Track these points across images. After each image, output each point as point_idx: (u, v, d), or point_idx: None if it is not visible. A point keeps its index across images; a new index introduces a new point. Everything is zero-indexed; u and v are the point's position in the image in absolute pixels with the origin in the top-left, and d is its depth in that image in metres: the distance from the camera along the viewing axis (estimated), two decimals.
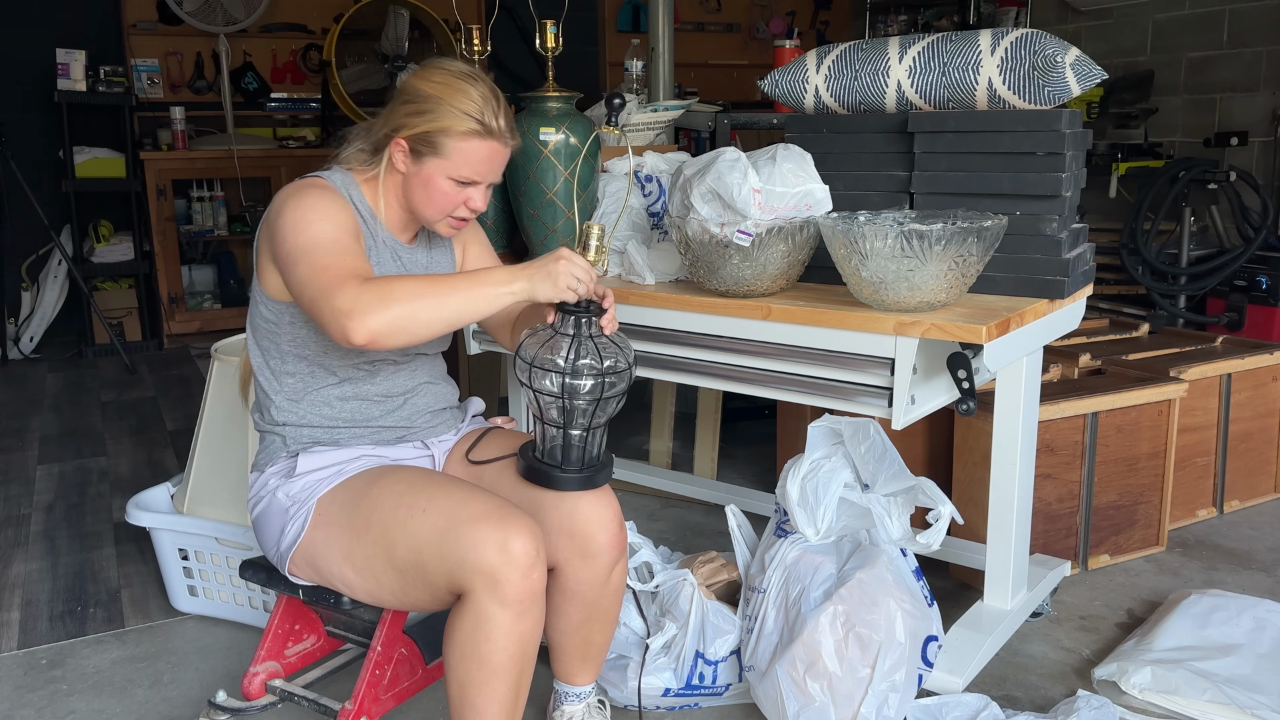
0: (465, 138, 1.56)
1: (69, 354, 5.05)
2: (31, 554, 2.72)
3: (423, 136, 1.56)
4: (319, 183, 1.60)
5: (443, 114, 1.55)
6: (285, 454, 1.64)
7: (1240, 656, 1.96)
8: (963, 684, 1.88)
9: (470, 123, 1.55)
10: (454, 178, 1.58)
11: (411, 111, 1.57)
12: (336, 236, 1.50)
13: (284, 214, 1.53)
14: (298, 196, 1.55)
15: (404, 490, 1.52)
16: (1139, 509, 2.55)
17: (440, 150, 1.57)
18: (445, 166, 1.58)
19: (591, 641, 1.72)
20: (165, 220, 5.13)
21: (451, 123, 1.55)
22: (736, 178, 1.75)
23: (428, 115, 1.56)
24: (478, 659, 1.44)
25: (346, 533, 1.53)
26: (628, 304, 2.00)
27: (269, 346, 1.65)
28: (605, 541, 1.61)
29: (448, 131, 1.55)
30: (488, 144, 1.58)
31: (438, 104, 1.55)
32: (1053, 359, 2.66)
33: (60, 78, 4.77)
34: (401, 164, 1.61)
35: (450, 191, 1.59)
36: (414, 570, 1.47)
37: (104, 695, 2.03)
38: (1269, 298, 4.06)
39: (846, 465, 1.86)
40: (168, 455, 3.52)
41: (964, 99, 1.87)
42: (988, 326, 1.64)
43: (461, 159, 1.57)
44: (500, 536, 1.41)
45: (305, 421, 1.64)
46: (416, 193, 1.61)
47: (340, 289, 1.40)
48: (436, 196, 1.60)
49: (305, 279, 1.45)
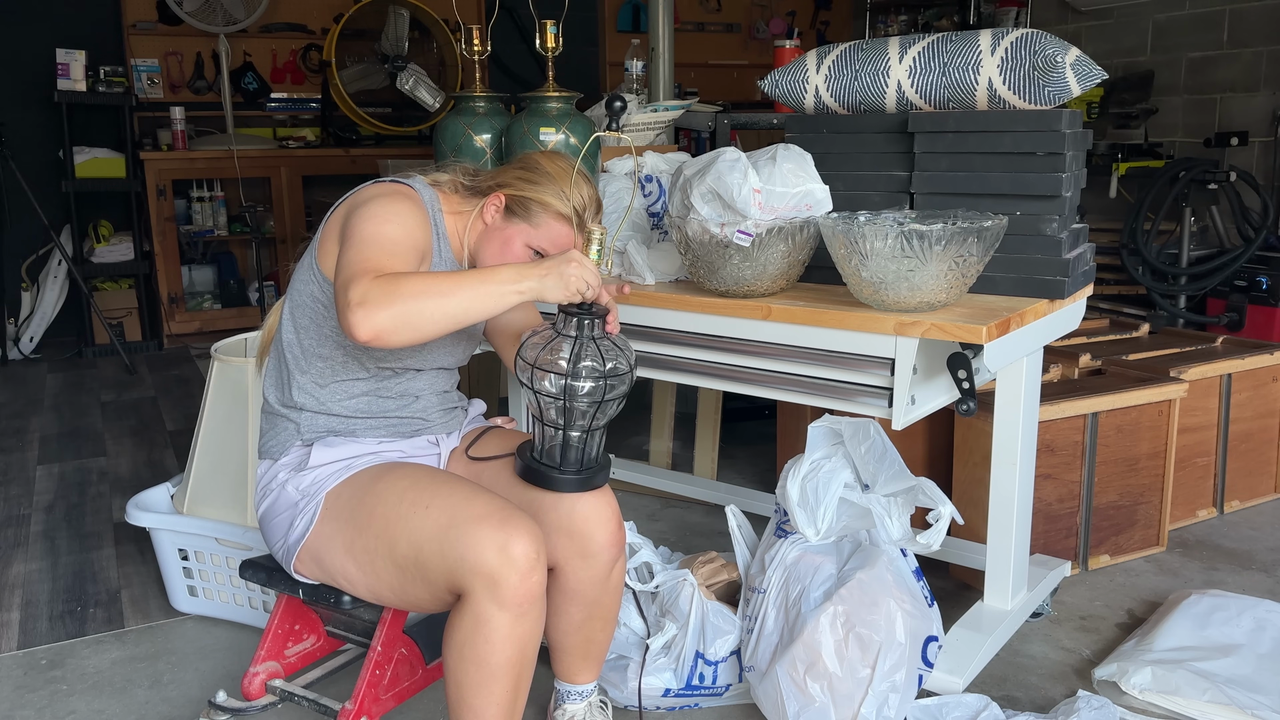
0: (558, 218, 1.66)
1: (69, 354, 5.05)
2: (31, 554, 2.72)
3: (523, 200, 1.66)
4: (411, 193, 1.64)
5: (550, 191, 1.66)
6: (299, 442, 1.65)
7: (1240, 657, 1.96)
8: (963, 684, 1.88)
9: (569, 208, 1.66)
10: (532, 246, 1.66)
11: (523, 177, 1.67)
12: (399, 240, 1.52)
13: (371, 203, 1.57)
14: (390, 196, 1.59)
15: (408, 486, 1.53)
16: (1139, 509, 2.55)
17: (532, 218, 1.66)
18: (529, 234, 1.66)
19: (593, 640, 1.72)
20: (165, 220, 5.13)
21: (555, 201, 1.65)
22: (736, 178, 1.76)
23: (536, 186, 1.66)
24: (476, 661, 1.44)
25: (350, 527, 1.54)
26: (628, 304, 2.00)
27: (308, 325, 1.64)
28: (604, 540, 1.61)
29: (547, 206, 1.65)
30: (571, 232, 1.68)
31: (550, 181, 1.67)
32: (1053, 359, 2.66)
33: (60, 78, 4.77)
34: (491, 216, 1.69)
35: (520, 255, 1.67)
36: (414, 568, 1.48)
37: (104, 695, 2.03)
38: (1269, 298, 4.06)
39: (846, 465, 1.86)
40: (168, 455, 3.52)
41: (964, 99, 1.87)
42: (988, 326, 1.64)
43: (546, 233, 1.66)
44: (501, 538, 1.41)
45: (324, 409, 1.65)
46: (493, 246, 1.68)
47: (359, 279, 1.39)
48: (509, 257, 1.67)
49: (346, 261, 1.46)
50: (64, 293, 5.12)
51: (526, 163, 1.71)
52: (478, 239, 1.70)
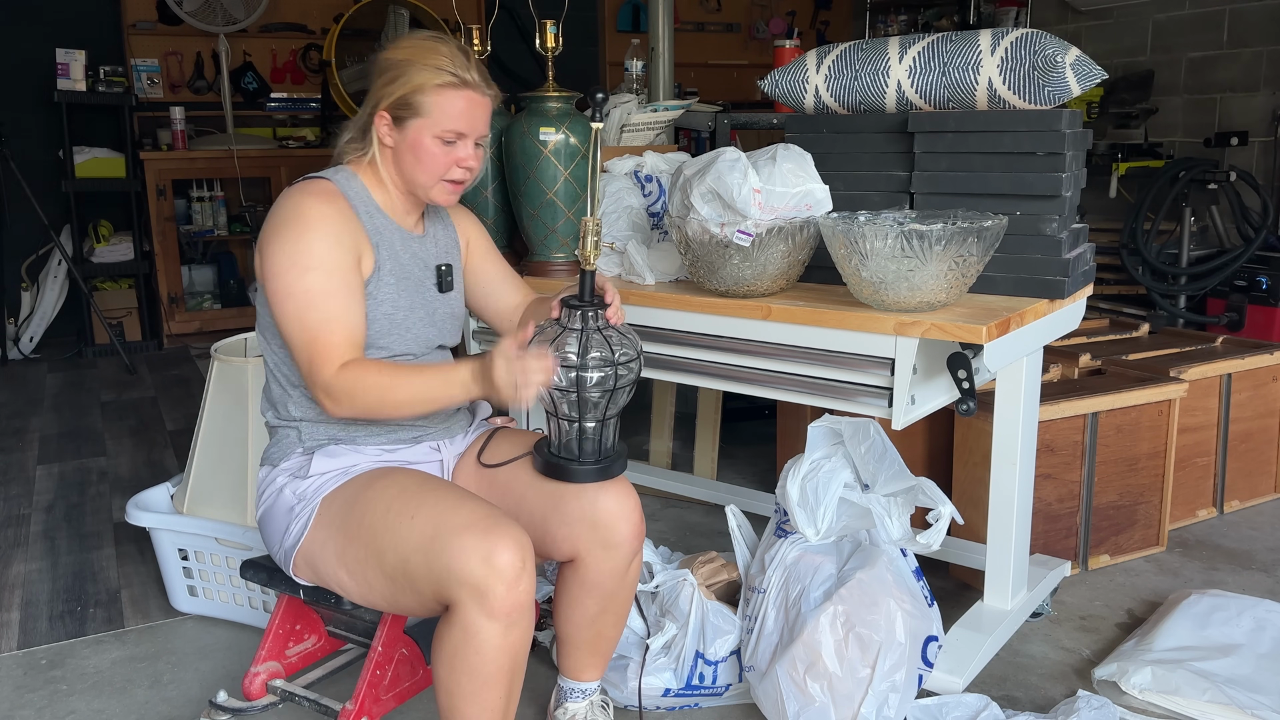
0: (441, 91, 1.57)
1: (69, 354, 5.05)
2: (31, 554, 2.72)
3: (401, 101, 1.58)
4: (318, 191, 1.59)
5: (415, 74, 1.57)
6: (300, 450, 1.63)
7: (1240, 656, 1.96)
8: (963, 684, 1.88)
9: (443, 76, 1.57)
10: (439, 135, 1.59)
11: (387, 81, 1.59)
12: (326, 288, 1.52)
13: (276, 243, 1.54)
14: (294, 221, 1.55)
15: (396, 495, 1.51)
16: (1139, 509, 2.55)
17: (420, 110, 1.58)
18: (428, 125, 1.59)
19: (603, 635, 1.72)
20: (165, 220, 5.13)
21: (425, 79, 1.57)
22: (736, 178, 1.75)
23: (402, 79, 1.58)
24: (467, 671, 1.42)
25: (341, 535, 1.53)
26: (628, 304, 2.00)
27: (281, 349, 1.63)
28: (628, 532, 1.62)
29: (423, 89, 1.57)
30: (464, 94, 1.59)
31: (409, 66, 1.58)
32: (1053, 359, 2.66)
33: (60, 78, 4.77)
34: (388, 136, 1.62)
35: (439, 152, 1.60)
36: (403, 578, 1.46)
37: (104, 695, 2.03)
38: (1269, 298, 4.06)
39: (846, 465, 1.86)
40: (168, 455, 3.52)
41: (964, 99, 1.87)
42: (988, 326, 1.64)
43: (441, 113, 1.58)
44: (485, 548, 1.39)
45: (321, 419, 1.63)
46: (407, 160, 1.62)
47: (317, 369, 1.51)
48: (426, 159, 1.60)
49: (292, 334, 1.54)
50: (64, 293, 5.12)
51: (381, 67, 1.62)
52: (394, 166, 1.64)
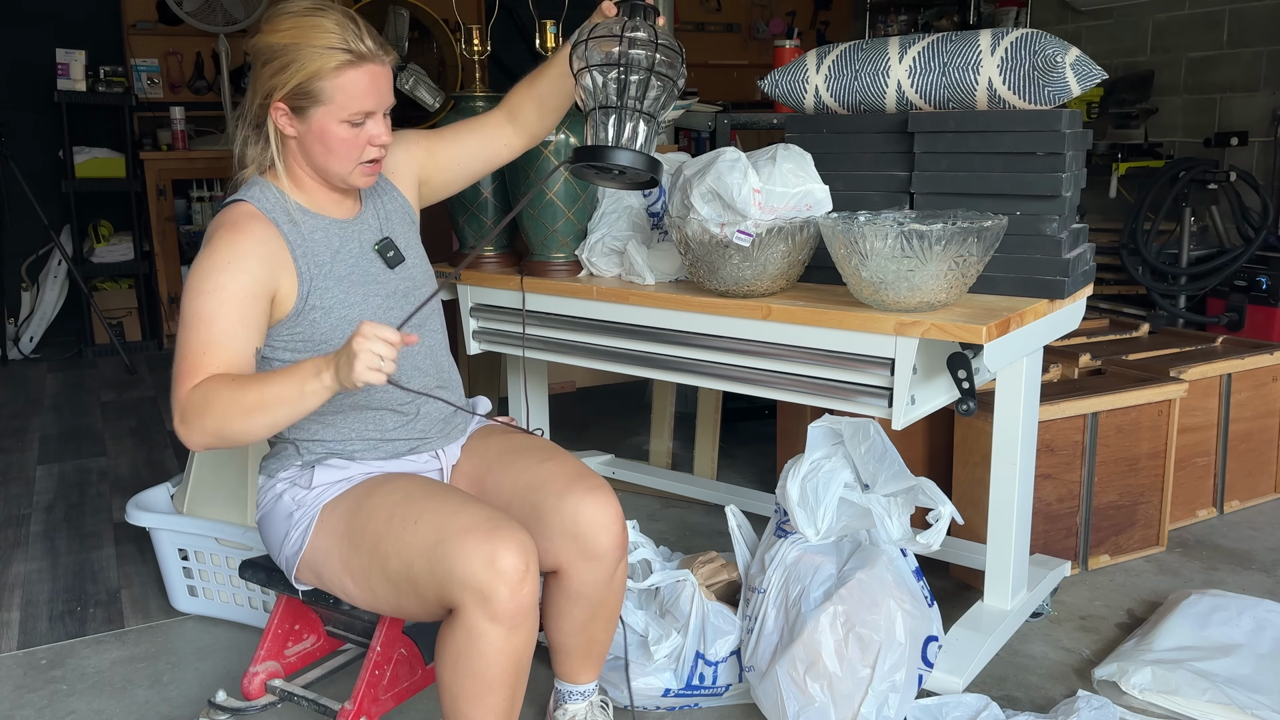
0: (340, 73, 1.45)
1: (69, 354, 5.05)
2: (31, 554, 2.72)
3: (297, 90, 1.46)
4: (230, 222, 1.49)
5: (307, 58, 1.44)
6: (299, 462, 1.62)
7: (1240, 656, 1.96)
8: (963, 684, 1.88)
9: (338, 56, 1.45)
10: (346, 119, 1.48)
11: (276, 69, 1.46)
12: (215, 316, 1.42)
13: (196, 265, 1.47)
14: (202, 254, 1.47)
15: (398, 501, 1.50)
16: (1139, 509, 2.55)
17: (320, 96, 1.46)
18: (333, 111, 1.47)
19: (595, 640, 1.71)
20: (165, 220, 5.13)
21: (320, 63, 1.44)
22: (736, 178, 1.75)
23: (293, 65, 1.45)
24: (471, 674, 1.42)
25: (345, 543, 1.52)
26: (628, 304, 2.00)
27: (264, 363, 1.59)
28: (608, 544, 1.60)
29: (320, 74, 1.44)
30: (364, 69, 1.47)
31: (298, 50, 1.44)
32: (1053, 359, 2.66)
33: (60, 78, 4.78)
34: (289, 128, 1.50)
35: (348, 137, 1.49)
36: (407, 583, 1.46)
37: (104, 695, 2.03)
38: (1269, 298, 4.06)
39: (846, 465, 1.86)
40: (168, 455, 3.52)
41: (964, 99, 1.87)
42: (988, 326, 1.64)
43: (345, 96, 1.47)
44: (488, 551, 1.38)
45: (316, 436, 1.61)
46: (316, 151, 1.51)
47: (177, 387, 1.39)
48: (337, 146, 1.50)
49: (176, 350, 1.44)
50: (64, 293, 5.12)
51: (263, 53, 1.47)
52: (303, 157, 1.53)
